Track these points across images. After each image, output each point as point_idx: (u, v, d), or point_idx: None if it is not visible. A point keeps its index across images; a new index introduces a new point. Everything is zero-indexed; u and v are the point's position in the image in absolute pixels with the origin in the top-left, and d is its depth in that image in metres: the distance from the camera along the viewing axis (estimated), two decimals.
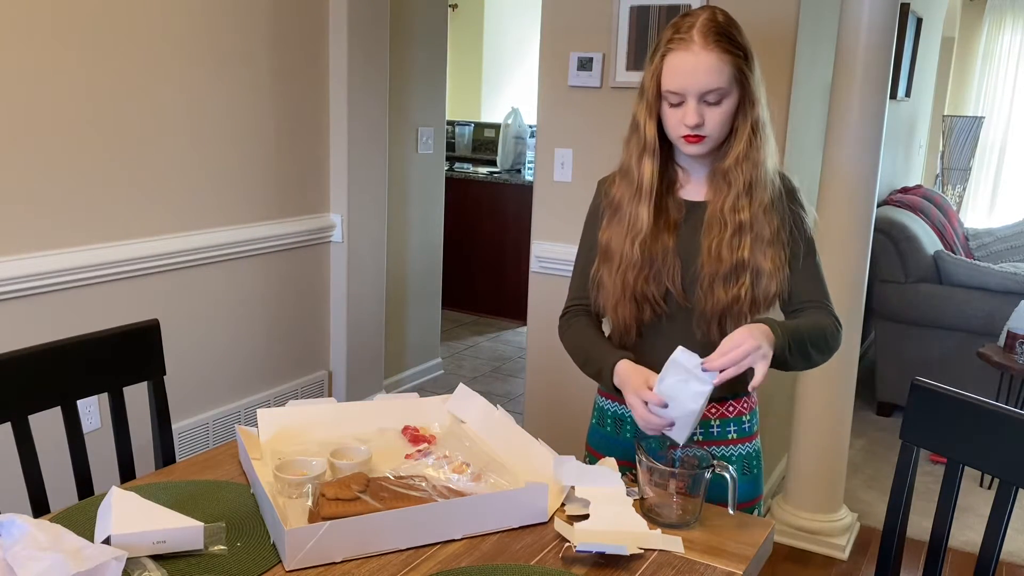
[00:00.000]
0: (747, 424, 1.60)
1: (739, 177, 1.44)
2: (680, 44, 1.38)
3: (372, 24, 3.40)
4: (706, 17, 1.39)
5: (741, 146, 1.43)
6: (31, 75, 2.34)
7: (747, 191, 1.44)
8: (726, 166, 1.45)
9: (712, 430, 1.57)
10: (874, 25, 2.53)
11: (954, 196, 6.88)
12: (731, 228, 1.45)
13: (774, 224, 1.46)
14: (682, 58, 1.38)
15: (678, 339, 1.45)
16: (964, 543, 2.97)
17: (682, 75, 1.38)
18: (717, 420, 1.57)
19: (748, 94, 1.42)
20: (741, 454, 1.59)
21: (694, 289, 1.48)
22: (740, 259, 1.44)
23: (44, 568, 1.08)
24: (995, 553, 1.41)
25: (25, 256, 2.39)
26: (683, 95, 1.39)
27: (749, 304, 1.46)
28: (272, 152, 3.12)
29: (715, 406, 1.57)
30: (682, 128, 1.41)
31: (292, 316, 3.32)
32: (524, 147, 5.99)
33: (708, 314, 1.48)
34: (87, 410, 2.54)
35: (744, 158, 1.43)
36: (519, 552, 1.30)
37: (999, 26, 7.17)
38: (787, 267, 1.47)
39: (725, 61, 1.38)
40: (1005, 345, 3.39)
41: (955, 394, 1.48)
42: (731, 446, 1.58)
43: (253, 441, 1.56)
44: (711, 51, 1.37)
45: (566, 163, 2.97)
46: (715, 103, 1.40)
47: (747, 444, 1.59)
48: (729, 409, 1.58)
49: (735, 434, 1.58)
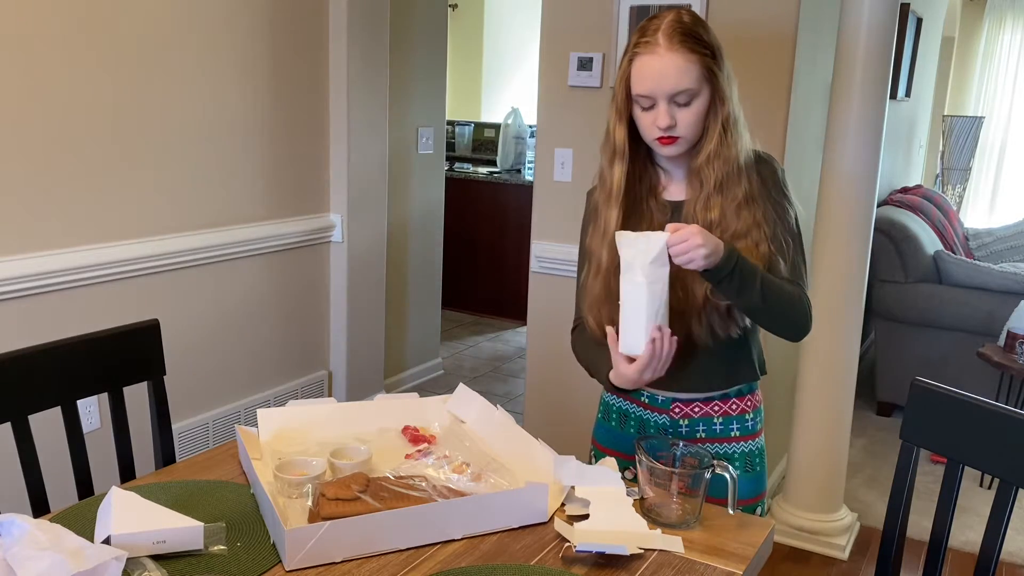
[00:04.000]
0: (750, 422, 1.60)
1: (711, 175, 1.45)
2: (646, 47, 1.39)
3: (372, 24, 3.40)
4: (672, 19, 1.40)
5: (712, 144, 1.43)
6: (31, 76, 2.34)
7: (718, 189, 1.45)
8: (699, 165, 1.46)
9: (715, 427, 1.58)
10: (874, 25, 2.53)
11: (954, 196, 6.88)
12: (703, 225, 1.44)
13: (747, 220, 1.46)
14: (648, 61, 1.39)
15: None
16: (964, 543, 2.97)
17: (650, 78, 1.39)
18: (720, 418, 1.58)
19: (718, 92, 1.42)
20: (743, 452, 1.59)
21: (675, 289, 1.49)
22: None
23: (44, 568, 1.08)
24: (995, 553, 1.41)
25: (25, 256, 2.39)
26: (653, 98, 1.40)
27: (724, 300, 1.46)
28: (272, 152, 3.12)
29: (718, 403, 1.57)
30: (655, 131, 1.43)
31: (292, 316, 3.32)
32: (524, 147, 5.99)
33: (688, 313, 1.49)
34: (87, 410, 2.54)
35: (715, 156, 1.44)
36: (519, 552, 1.30)
37: (999, 26, 7.16)
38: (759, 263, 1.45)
39: (692, 61, 1.38)
40: (1005, 345, 3.39)
41: (955, 394, 1.48)
42: (733, 443, 1.59)
43: (253, 441, 1.56)
44: (676, 52, 1.37)
45: (566, 163, 2.97)
46: (685, 104, 1.41)
47: (750, 442, 1.60)
48: (732, 407, 1.58)
49: (738, 432, 1.59)
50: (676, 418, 1.59)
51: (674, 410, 1.59)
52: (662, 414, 1.60)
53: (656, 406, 1.60)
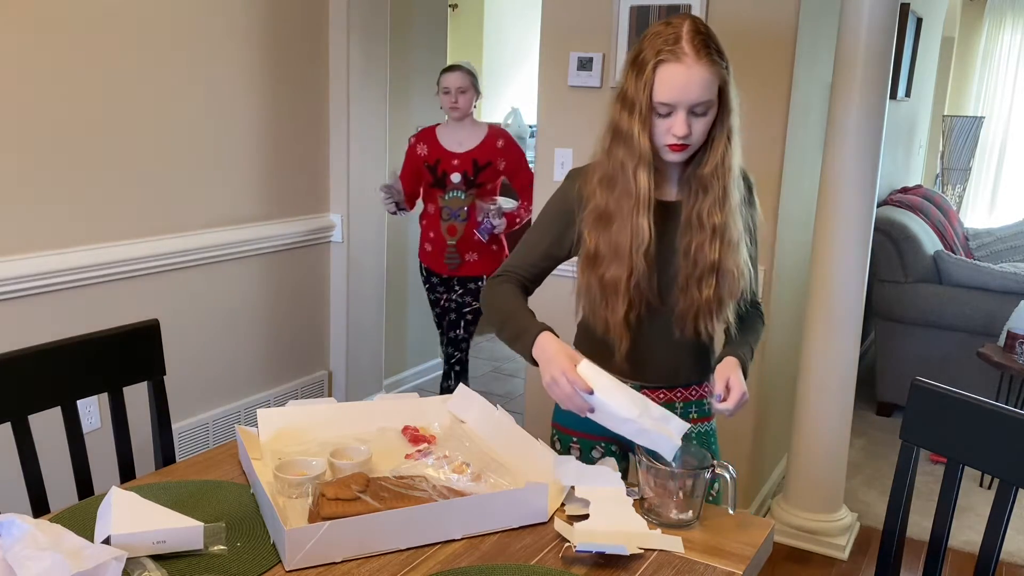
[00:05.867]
0: (707, 406, 1.69)
1: (716, 184, 1.49)
2: (672, 56, 1.40)
3: (372, 24, 3.40)
4: (691, 28, 1.41)
5: (719, 154, 1.48)
6: (31, 76, 2.34)
7: (722, 197, 1.50)
8: (704, 173, 1.49)
9: (675, 410, 1.65)
10: (874, 25, 2.53)
11: (954, 196, 6.88)
12: (707, 231, 1.51)
13: (739, 228, 1.54)
14: (676, 70, 1.40)
15: (658, 339, 1.59)
16: (964, 543, 2.97)
17: (676, 88, 1.40)
18: (681, 403, 1.67)
19: (727, 103, 1.46)
20: (701, 432, 1.69)
21: (671, 290, 1.55)
22: (712, 261, 1.51)
23: (44, 568, 1.08)
24: (995, 553, 1.41)
25: (25, 256, 2.39)
26: (674, 106, 1.42)
27: (717, 303, 1.55)
28: (272, 152, 3.12)
29: (680, 390, 1.66)
30: (669, 137, 1.45)
31: (292, 316, 3.32)
32: (524, 147, 5.99)
33: (683, 313, 1.56)
34: (87, 410, 2.54)
35: (720, 165, 1.49)
36: (519, 552, 1.30)
37: (999, 26, 7.17)
38: (750, 267, 1.58)
39: (714, 73, 1.41)
40: (1005, 345, 3.39)
41: (955, 394, 1.48)
42: (693, 425, 1.67)
43: (253, 441, 1.56)
44: (703, 64, 1.40)
45: (566, 163, 2.97)
46: (702, 114, 1.44)
47: (706, 424, 1.70)
48: (692, 393, 1.68)
49: (696, 414, 1.68)
50: None
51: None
52: None
53: None
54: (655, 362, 1.62)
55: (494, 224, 3.25)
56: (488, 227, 3.25)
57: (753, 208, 1.62)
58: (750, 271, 1.58)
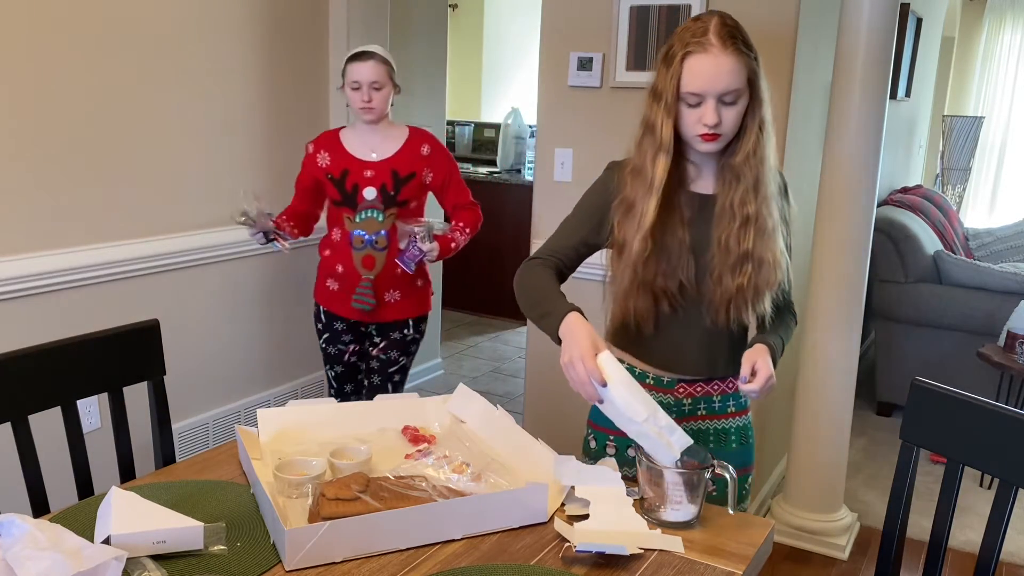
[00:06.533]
0: (744, 398, 1.69)
1: (748, 173, 1.51)
2: (699, 47, 1.43)
3: (372, 24, 3.40)
4: (718, 21, 1.45)
5: (750, 143, 1.50)
6: (31, 76, 2.34)
7: (755, 186, 1.52)
8: (736, 162, 1.51)
9: (714, 405, 1.66)
10: (874, 25, 2.53)
11: (954, 196, 6.88)
12: (739, 220, 1.52)
13: (775, 217, 1.55)
14: (703, 60, 1.43)
15: (691, 328, 1.59)
16: (964, 543, 2.97)
17: (704, 77, 1.43)
18: (719, 396, 1.66)
19: (757, 93, 1.48)
20: (739, 426, 1.69)
21: (705, 279, 1.56)
22: (745, 250, 1.53)
23: (44, 568, 1.08)
24: (995, 553, 1.41)
25: (25, 256, 2.39)
26: (703, 96, 1.44)
27: (752, 292, 1.55)
28: (272, 152, 3.12)
29: (717, 383, 1.66)
30: (700, 127, 1.47)
31: (292, 316, 3.32)
32: (524, 147, 5.99)
33: (717, 303, 1.56)
34: (87, 410, 2.54)
35: (752, 155, 1.50)
36: (519, 552, 1.30)
37: (999, 26, 7.16)
38: (786, 257, 1.58)
39: (742, 63, 1.44)
40: (1005, 345, 3.39)
41: (955, 394, 1.48)
42: (730, 419, 1.68)
43: (253, 441, 1.56)
44: (729, 53, 1.43)
45: (566, 163, 2.97)
46: (731, 103, 1.46)
47: (743, 417, 1.70)
48: (729, 386, 1.67)
49: (733, 407, 1.68)
50: (680, 397, 1.65)
51: (678, 390, 1.65)
52: (667, 394, 1.65)
53: (661, 387, 1.65)
54: (690, 353, 1.62)
55: (422, 250, 2.47)
56: (415, 254, 2.48)
57: (787, 204, 1.63)
58: (787, 260, 1.58)
